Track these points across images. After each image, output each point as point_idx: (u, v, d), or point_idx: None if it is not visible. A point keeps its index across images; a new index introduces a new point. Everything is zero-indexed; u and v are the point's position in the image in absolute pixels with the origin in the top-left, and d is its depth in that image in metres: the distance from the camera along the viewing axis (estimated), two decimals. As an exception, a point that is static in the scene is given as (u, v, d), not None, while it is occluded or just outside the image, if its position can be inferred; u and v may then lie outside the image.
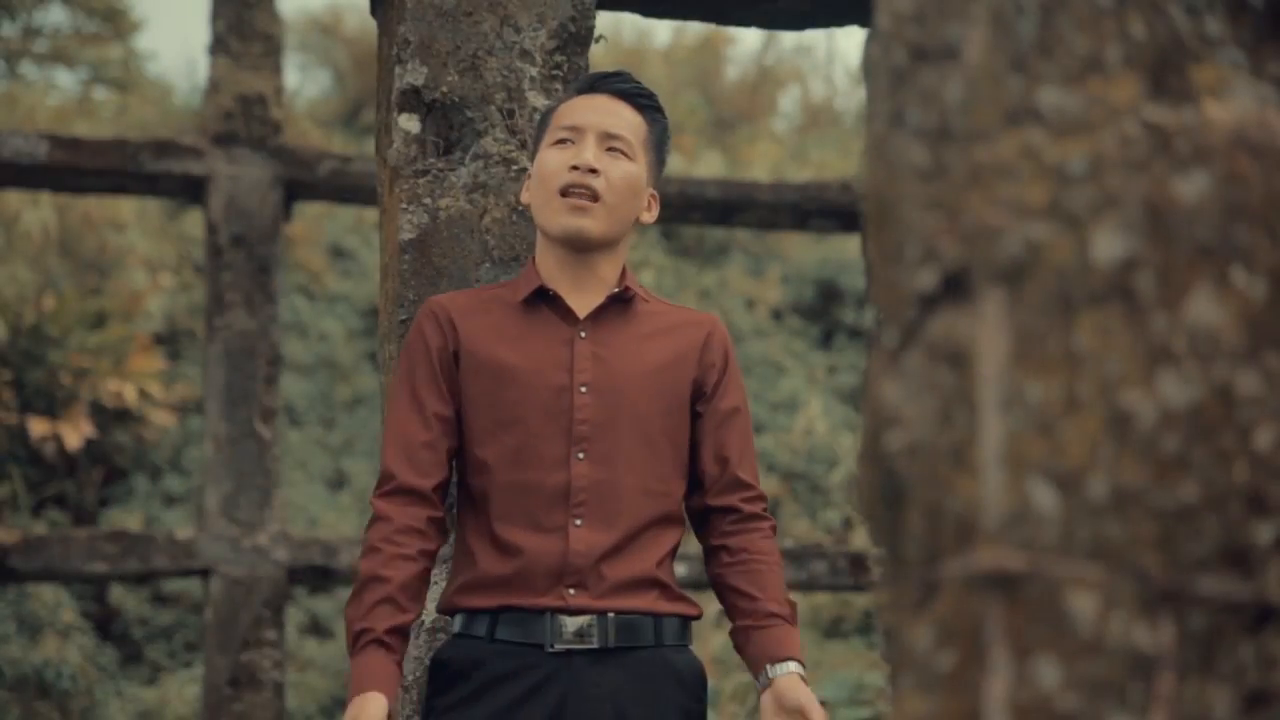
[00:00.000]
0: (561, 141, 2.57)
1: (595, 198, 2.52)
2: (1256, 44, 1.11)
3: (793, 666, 2.47)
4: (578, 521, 2.46)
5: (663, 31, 18.63)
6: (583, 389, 2.51)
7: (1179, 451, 1.01)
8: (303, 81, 16.52)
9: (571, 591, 2.45)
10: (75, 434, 9.96)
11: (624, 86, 2.63)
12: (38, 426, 9.90)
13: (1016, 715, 0.98)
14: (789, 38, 17.62)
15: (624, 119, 2.59)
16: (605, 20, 16.13)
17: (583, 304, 2.57)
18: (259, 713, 7.02)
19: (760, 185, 8.16)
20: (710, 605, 9.80)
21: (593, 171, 2.53)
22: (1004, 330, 1.02)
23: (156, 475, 10.95)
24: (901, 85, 1.09)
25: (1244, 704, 1.00)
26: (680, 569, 7.93)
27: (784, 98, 17.63)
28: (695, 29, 16.23)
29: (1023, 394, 1.02)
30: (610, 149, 2.56)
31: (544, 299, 2.57)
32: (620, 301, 2.58)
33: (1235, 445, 1.02)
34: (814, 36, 24.59)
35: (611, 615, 2.45)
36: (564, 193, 2.52)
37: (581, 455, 2.48)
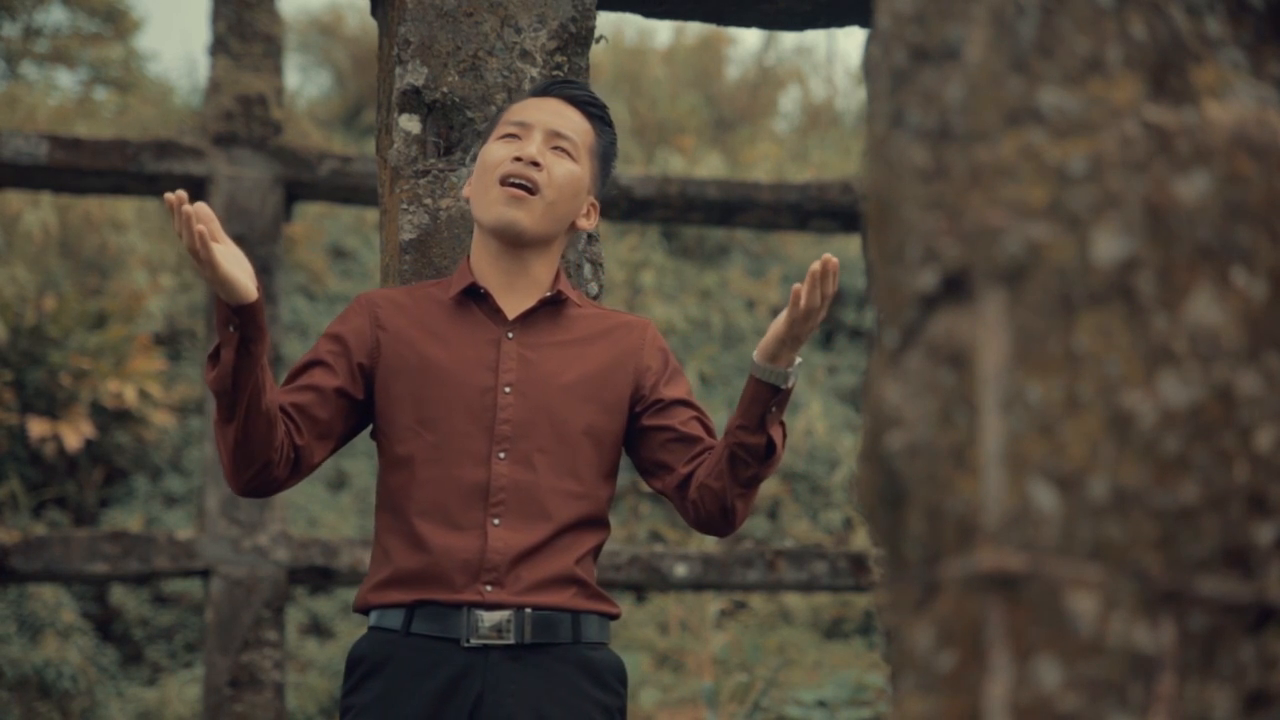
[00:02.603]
0: (508, 136, 2.59)
1: (534, 190, 2.54)
2: (1256, 44, 1.11)
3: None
4: (496, 520, 2.46)
5: (663, 32, 18.63)
6: (506, 389, 2.51)
7: (1179, 452, 1.01)
8: (303, 82, 16.52)
9: (488, 588, 2.44)
10: (75, 435, 9.95)
11: (576, 93, 2.66)
12: (38, 427, 9.90)
13: (1017, 716, 0.98)
14: (789, 38, 17.63)
15: (572, 122, 2.62)
16: (606, 20, 16.14)
17: (513, 305, 2.58)
18: (259, 713, 7.02)
19: (761, 186, 8.15)
20: (706, 607, 9.80)
21: (535, 165, 2.54)
22: (1004, 330, 1.02)
23: (157, 476, 10.95)
24: (902, 85, 1.09)
25: (1244, 704, 1.00)
26: (680, 569, 7.90)
27: (784, 98, 17.63)
28: (695, 29, 16.23)
29: (1023, 394, 1.02)
30: (555, 148, 2.58)
31: (474, 297, 2.58)
32: (552, 304, 2.59)
33: (1235, 446, 1.02)
34: (814, 37, 24.61)
35: (529, 610, 2.44)
36: (503, 181, 2.54)
37: (503, 455, 2.49)
